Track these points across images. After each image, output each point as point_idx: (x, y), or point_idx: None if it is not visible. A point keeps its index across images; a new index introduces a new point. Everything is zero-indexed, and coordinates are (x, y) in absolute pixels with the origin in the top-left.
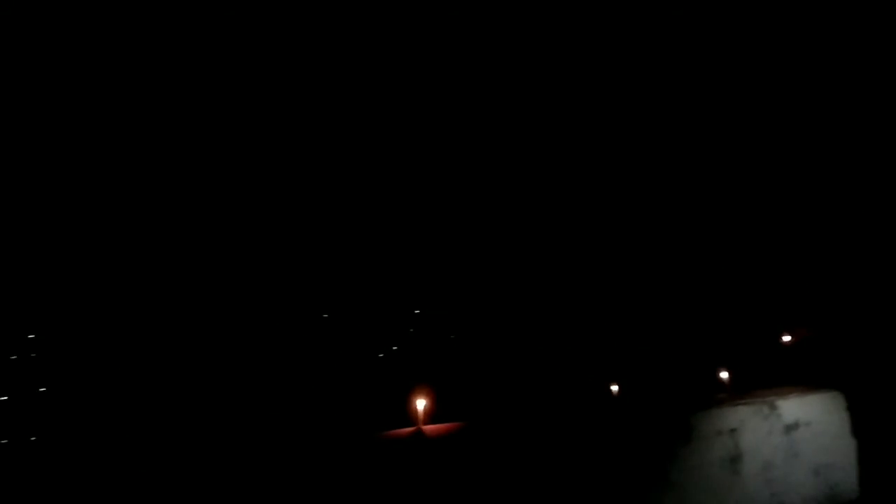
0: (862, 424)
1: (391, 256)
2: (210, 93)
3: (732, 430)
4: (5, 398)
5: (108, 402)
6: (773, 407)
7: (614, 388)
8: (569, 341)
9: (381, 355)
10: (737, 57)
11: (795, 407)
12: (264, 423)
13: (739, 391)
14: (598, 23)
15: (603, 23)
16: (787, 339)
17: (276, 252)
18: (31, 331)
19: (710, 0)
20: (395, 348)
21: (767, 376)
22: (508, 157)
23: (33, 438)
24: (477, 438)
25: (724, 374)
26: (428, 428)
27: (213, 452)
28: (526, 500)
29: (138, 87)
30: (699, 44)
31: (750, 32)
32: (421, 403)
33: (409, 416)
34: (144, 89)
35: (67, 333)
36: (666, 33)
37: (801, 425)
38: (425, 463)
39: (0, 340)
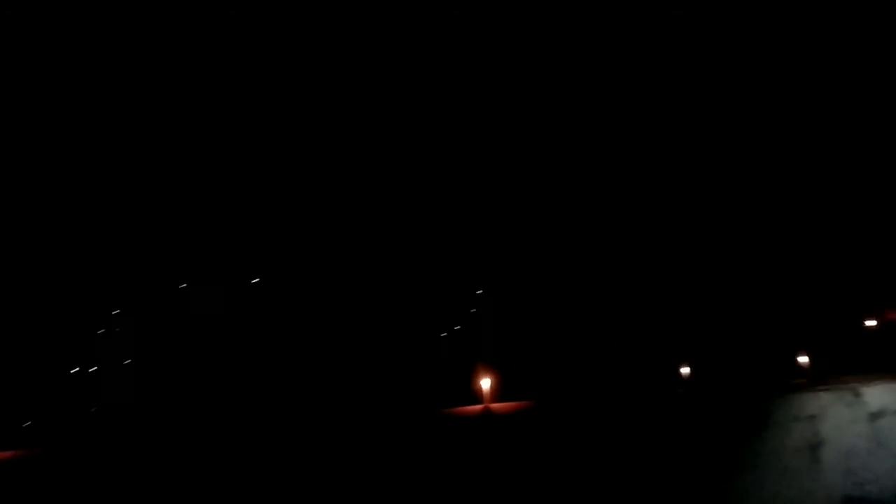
0: None
1: (454, 238)
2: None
3: (812, 417)
4: (95, 368)
5: (190, 375)
6: (857, 394)
7: (685, 370)
8: (637, 321)
9: (443, 335)
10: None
11: (882, 394)
12: (340, 401)
13: (820, 377)
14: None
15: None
16: (871, 323)
17: (345, 235)
18: (116, 306)
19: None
20: (457, 328)
21: (850, 362)
22: (581, 139)
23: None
24: (544, 417)
25: (803, 359)
26: (495, 406)
27: (290, 427)
28: (595, 480)
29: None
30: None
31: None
32: (486, 382)
33: (473, 394)
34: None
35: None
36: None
37: (888, 413)
38: (494, 439)
39: (87, 316)
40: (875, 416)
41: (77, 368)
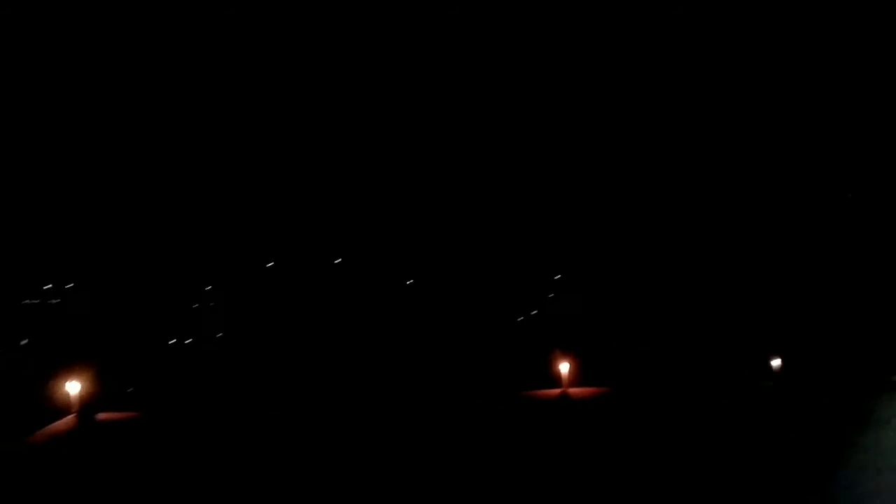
0: None
1: (534, 222)
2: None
3: None
4: (190, 340)
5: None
6: None
7: (776, 362)
8: (725, 308)
9: (520, 319)
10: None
11: None
12: (423, 381)
13: None
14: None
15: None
16: None
17: (428, 219)
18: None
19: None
20: (534, 312)
21: None
22: (670, 130)
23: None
24: (623, 404)
25: None
26: (574, 391)
27: (373, 405)
28: (673, 472)
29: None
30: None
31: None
32: (565, 366)
33: (551, 378)
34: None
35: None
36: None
37: None
38: (571, 423)
39: (181, 292)
40: None
41: (174, 340)
